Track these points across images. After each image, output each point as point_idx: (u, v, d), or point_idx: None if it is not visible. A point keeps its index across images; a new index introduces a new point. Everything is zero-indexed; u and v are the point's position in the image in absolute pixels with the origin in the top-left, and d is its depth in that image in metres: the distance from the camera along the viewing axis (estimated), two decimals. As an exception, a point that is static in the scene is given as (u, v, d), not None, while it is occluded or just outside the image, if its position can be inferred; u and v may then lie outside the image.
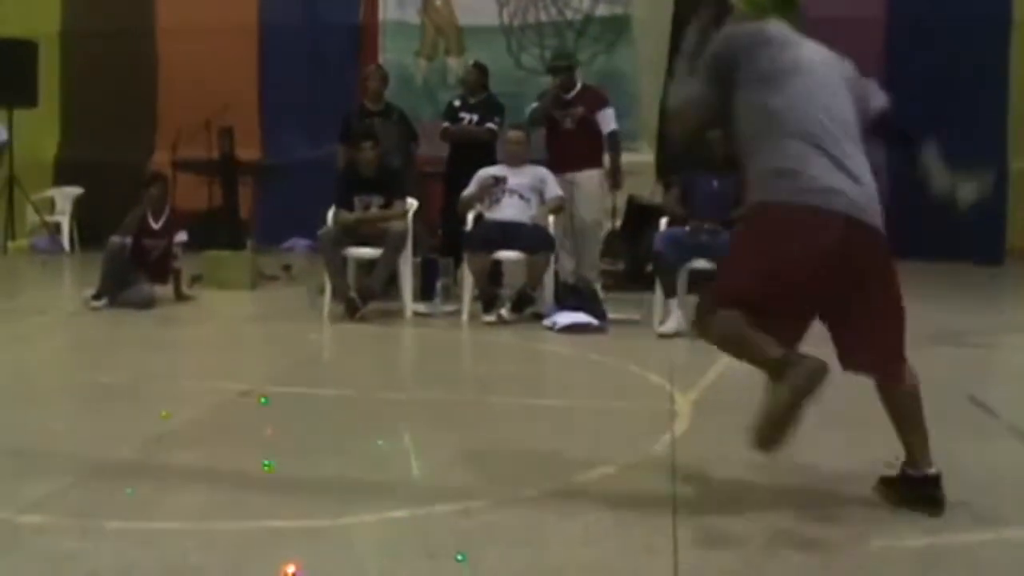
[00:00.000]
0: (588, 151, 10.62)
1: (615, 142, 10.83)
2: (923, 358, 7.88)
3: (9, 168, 13.93)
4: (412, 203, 9.94)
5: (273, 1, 15.84)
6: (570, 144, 10.52)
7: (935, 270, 12.58)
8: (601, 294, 10.36)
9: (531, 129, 10.52)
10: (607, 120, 10.69)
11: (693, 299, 8.86)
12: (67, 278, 13.50)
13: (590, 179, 10.62)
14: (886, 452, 5.24)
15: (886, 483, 4.56)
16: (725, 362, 7.62)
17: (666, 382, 6.84)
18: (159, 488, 4.64)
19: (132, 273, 10.16)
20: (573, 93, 10.66)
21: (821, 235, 4.16)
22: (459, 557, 3.72)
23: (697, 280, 9.04)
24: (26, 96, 14.56)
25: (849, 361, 4.58)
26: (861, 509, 4.44)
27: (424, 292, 9.96)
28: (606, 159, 10.79)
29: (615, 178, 10.92)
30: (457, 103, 11.29)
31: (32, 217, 15.25)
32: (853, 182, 4.33)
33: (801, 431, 5.60)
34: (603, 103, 10.75)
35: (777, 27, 4.39)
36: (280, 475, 4.79)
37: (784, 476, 4.82)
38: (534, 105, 10.70)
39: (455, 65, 15.09)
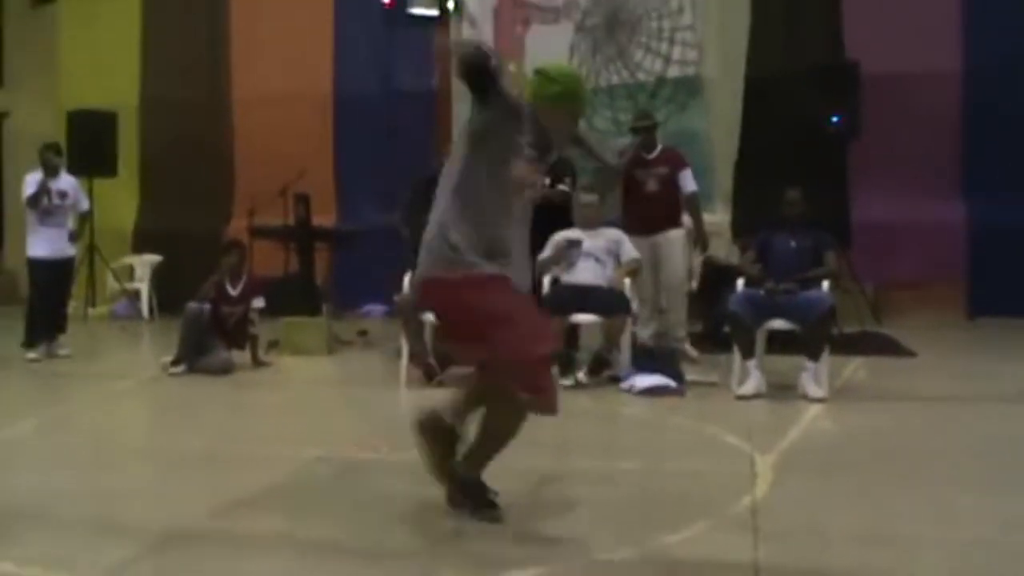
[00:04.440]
0: (671, 211, 10.59)
1: (697, 203, 10.83)
2: (1005, 416, 7.80)
3: (90, 237, 14.12)
4: (488, 267, 9.93)
5: (348, 70, 16.01)
6: (654, 205, 10.48)
7: (1015, 327, 12.34)
8: (693, 353, 10.30)
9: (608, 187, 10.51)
10: (687, 180, 10.67)
11: (772, 359, 8.82)
12: (146, 344, 13.64)
13: (676, 239, 10.57)
14: (974, 520, 5.13)
15: None
16: (805, 424, 7.54)
17: (745, 444, 6.75)
18: (237, 554, 4.63)
19: (210, 339, 10.24)
20: (655, 153, 10.64)
21: None
22: None
23: (775, 340, 8.96)
24: (106, 166, 14.80)
25: None
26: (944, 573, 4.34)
27: (500, 356, 9.92)
28: (685, 219, 10.76)
29: (701, 238, 10.93)
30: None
31: (112, 284, 15.46)
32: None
33: (882, 496, 5.52)
34: (683, 163, 10.73)
35: None
36: (359, 543, 4.76)
37: (867, 542, 4.72)
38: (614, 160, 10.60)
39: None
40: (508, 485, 5.11)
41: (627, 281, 9.70)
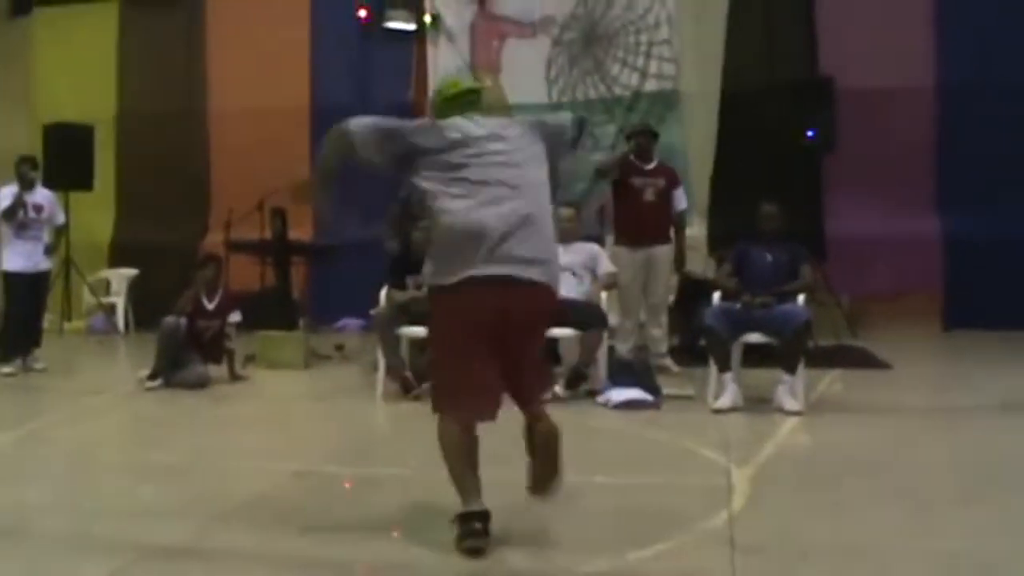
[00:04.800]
0: (664, 225, 10.64)
1: (684, 222, 10.89)
2: (980, 428, 7.84)
3: (66, 250, 14.08)
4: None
5: (324, 82, 15.97)
6: (649, 217, 10.51)
7: (1002, 339, 12.37)
8: (675, 368, 10.33)
9: (595, 186, 10.53)
10: (680, 198, 10.76)
11: (748, 373, 8.84)
12: (122, 358, 13.59)
13: (665, 255, 10.63)
14: (949, 531, 5.15)
15: None
16: (782, 437, 7.57)
17: (722, 457, 6.77)
18: (215, 569, 4.63)
19: (186, 353, 10.21)
20: (653, 164, 10.68)
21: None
22: None
23: (751, 354, 8.98)
24: (82, 179, 14.73)
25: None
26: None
27: (478, 370, 9.91)
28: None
29: (681, 257, 10.95)
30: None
31: (88, 298, 15.39)
32: None
33: (859, 509, 5.55)
34: (678, 181, 10.81)
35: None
36: (335, 557, 4.76)
37: (844, 554, 4.75)
38: (598, 156, 10.57)
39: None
40: (484, 499, 5.11)
41: (603, 295, 9.72)
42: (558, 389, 9.07)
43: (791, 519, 5.35)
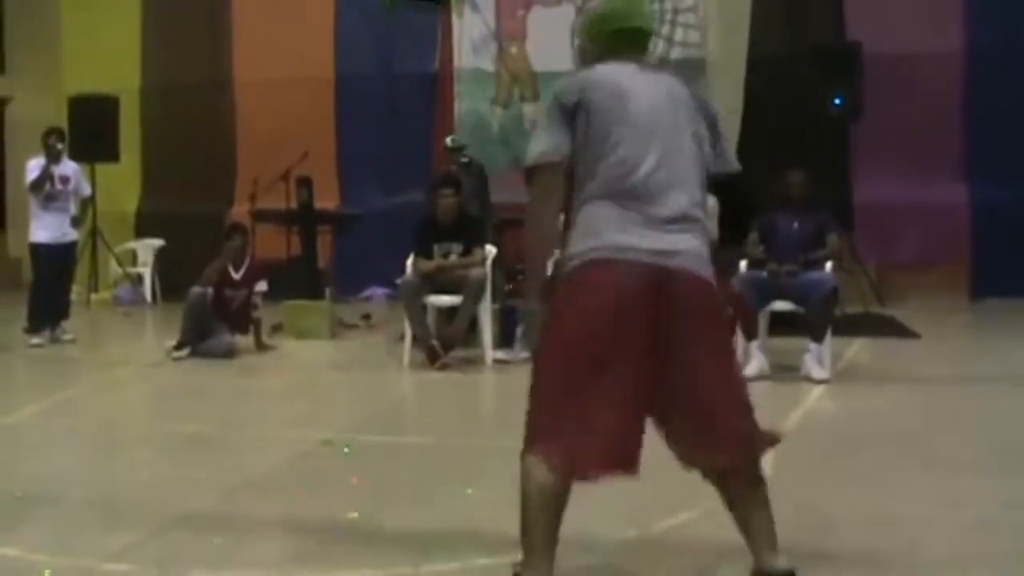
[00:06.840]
0: None
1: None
2: (1007, 397, 7.79)
3: (92, 221, 14.11)
4: (491, 250, 9.93)
5: (349, 52, 15.93)
6: None
7: (1017, 308, 12.30)
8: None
9: None
10: None
11: (775, 341, 8.81)
12: (149, 329, 13.63)
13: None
14: (976, 501, 5.13)
15: None
16: (809, 405, 7.54)
17: (749, 426, 6.74)
18: (240, 537, 4.64)
19: (213, 323, 10.24)
20: None
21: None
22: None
23: (778, 322, 8.95)
24: (108, 151, 14.77)
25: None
26: (945, 561, 4.33)
27: (504, 339, 9.93)
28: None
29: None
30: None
31: (115, 269, 15.44)
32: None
33: (885, 478, 5.53)
34: None
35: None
36: (361, 524, 4.77)
37: (870, 523, 4.73)
38: None
39: (531, 111, 15.09)
40: (508, 469, 5.10)
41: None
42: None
43: (818, 488, 5.33)
